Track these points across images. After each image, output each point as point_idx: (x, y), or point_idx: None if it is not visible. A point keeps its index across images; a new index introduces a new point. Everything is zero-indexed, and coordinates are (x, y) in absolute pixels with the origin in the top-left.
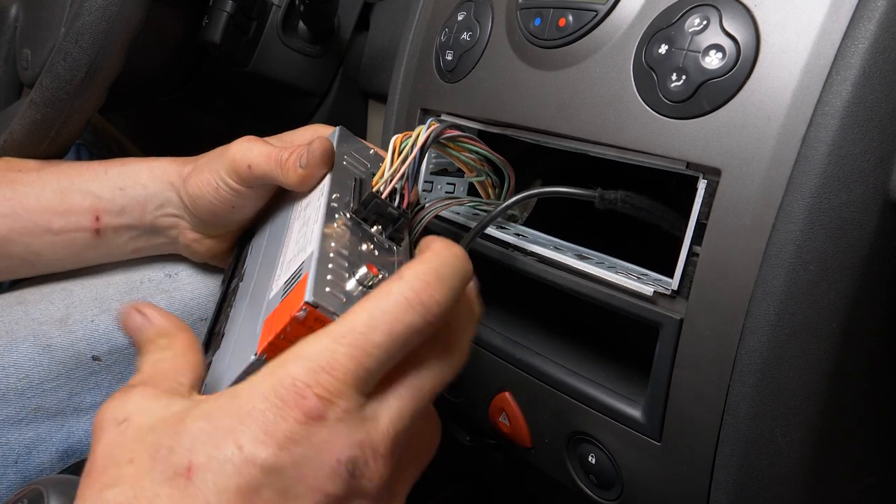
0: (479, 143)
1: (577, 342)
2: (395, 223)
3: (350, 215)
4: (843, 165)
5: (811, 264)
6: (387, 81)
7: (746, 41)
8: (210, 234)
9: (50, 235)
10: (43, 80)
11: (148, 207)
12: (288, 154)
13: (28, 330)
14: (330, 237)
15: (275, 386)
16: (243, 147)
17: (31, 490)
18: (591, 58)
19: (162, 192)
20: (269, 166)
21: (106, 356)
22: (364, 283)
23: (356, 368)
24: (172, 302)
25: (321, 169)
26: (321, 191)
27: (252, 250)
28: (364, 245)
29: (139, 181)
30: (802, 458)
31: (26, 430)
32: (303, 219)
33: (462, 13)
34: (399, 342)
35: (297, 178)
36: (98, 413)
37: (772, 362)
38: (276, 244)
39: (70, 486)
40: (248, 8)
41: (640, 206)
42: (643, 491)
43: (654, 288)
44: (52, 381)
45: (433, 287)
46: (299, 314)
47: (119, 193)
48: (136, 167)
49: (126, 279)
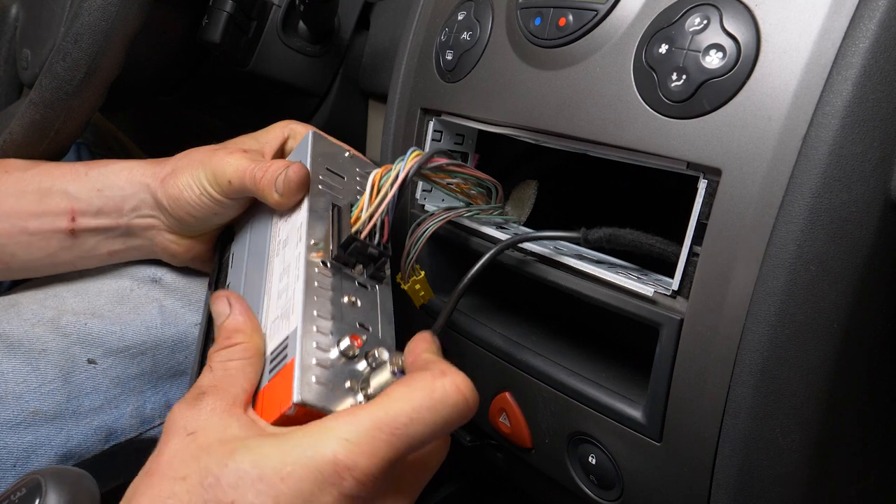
0: (464, 167)
1: (578, 342)
2: (376, 262)
3: (331, 263)
4: (843, 165)
5: (812, 264)
6: (387, 81)
7: (747, 41)
8: (187, 234)
9: (25, 236)
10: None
11: (124, 209)
12: (262, 173)
13: (21, 332)
14: (311, 300)
15: (317, 461)
16: (223, 162)
17: (30, 480)
18: (592, 57)
19: (137, 193)
20: (247, 183)
21: (101, 359)
22: (347, 354)
23: (393, 457)
24: (164, 310)
25: (297, 195)
26: (299, 226)
27: (234, 261)
28: (346, 297)
29: (116, 183)
30: (803, 459)
31: (24, 434)
32: (282, 258)
33: (462, 13)
34: (435, 436)
35: (274, 202)
36: (172, 414)
37: (772, 362)
38: (257, 268)
39: (68, 476)
40: (248, 8)
41: (624, 242)
42: (644, 491)
43: (655, 288)
44: (48, 384)
45: (469, 390)
46: (289, 412)
47: (96, 195)
48: (116, 168)
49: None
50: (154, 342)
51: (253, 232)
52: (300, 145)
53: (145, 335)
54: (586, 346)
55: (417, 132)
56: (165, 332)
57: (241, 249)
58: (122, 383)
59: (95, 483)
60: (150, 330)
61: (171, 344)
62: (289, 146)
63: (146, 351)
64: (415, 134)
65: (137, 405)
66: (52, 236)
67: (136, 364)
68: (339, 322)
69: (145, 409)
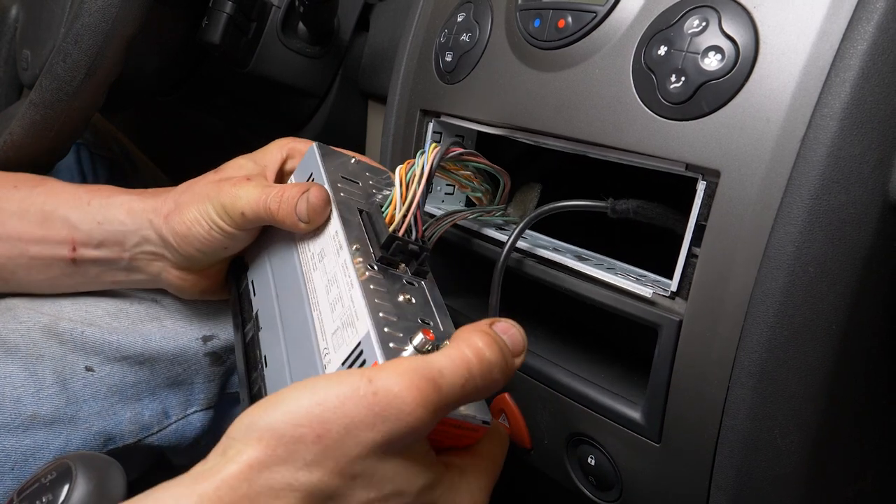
0: (479, 157)
1: (577, 343)
2: (419, 258)
3: (377, 266)
4: (842, 167)
5: (810, 266)
6: (386, 82)
7: (745, 43)
8: (195, 269)
9: (27, 259)
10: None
11: (126, 244)
12: (277, 204)
13: (18, 336)
14: (372, 302)
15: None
16: (233, 195)
17: (59, 464)
18: (591, 59)
19: (140, 229)
20: (263, 214)
21: (99, 367)
22: (421, 349)
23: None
24: (163, 327)
25: (323, 217)
26: (334, 235)
27: (255, 289)
28: (400, 296)
29: (117, 217)
30: (801, 460)
31: (23, 438)
32: (322, 270)
33: (461, 14)
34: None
35: (301, 229)
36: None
37: (771, 364)
38: (292, 288)
39: (97, 462)
40: (247, 9)
41: (652, 215)
42: (643, 492)
43: (654, 289)
44: (46, 389)
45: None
46: None
47: (97, 227)
48: (116, 201)
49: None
50: (152, 354)
51: (273, 255)
52: (305, 160)
53: (143, 347)
54: (585, 347)
55: (417, 133)
56: (164, 345)
57: (262, 275)
58: (120, 391)
59: (123, 471)
60: (149, 343)
61: (171, 357)
62: (289, 166)
63: (144, 362)
64: (414, 135)
65: (135, 412)
66: (53, 263)
67: (133, 373)
68: (404, 320)
69: (143, 416)
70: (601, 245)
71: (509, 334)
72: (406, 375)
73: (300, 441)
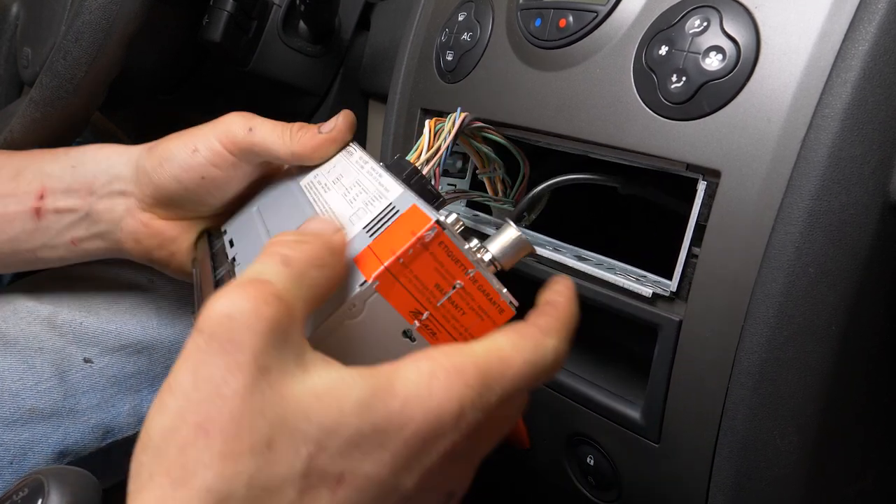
0: (500, 133)
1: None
2: (435, 202)
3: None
4: (842, 168)
5: (810, 266)
6: (387, 81)
7: (747, 43)
8: (161, 214)
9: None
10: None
11: (94, 186)
12: (298, 127)
13: (17, 330)
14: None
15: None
16: (245, 114)
17: (32, 479)
18: (592, 59)
19: (115, 165)
20: (273, 132)
21: (98, 358)
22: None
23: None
24: (160, 312)
25: (347, 135)
26: (351, 155)
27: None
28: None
29: (94, 158)
30: (801, 460)
31: (21, 431)
32: (338, 189)
33: (462, 14)
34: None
35: (314, 144)
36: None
37: (771, 364)
38: (293, 216)
39: (70, 476)
40: (248, 7)
41: (660, 196)
42: (642, 493)
43: (653, 289)
44: (45, 382)
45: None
46: (427, 234)
47: (70, 171)
48: (99, 147)
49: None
50: (150, 342)
51: (263, 201)
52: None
53: (141, 334)
54: (585, 347)
55: (417, 132)
56: (162, 332)
57: (245, 224)
58: (119, 382)
59: (97, 483)
60: (147, 330)
61: (168, 344)
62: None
63: (142, 350)
64: (415, 134)
65: (134, 404)
66: (15, 218)
67: (132, 363)
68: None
69: (143, 407)
70: (601, 245)
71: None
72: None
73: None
